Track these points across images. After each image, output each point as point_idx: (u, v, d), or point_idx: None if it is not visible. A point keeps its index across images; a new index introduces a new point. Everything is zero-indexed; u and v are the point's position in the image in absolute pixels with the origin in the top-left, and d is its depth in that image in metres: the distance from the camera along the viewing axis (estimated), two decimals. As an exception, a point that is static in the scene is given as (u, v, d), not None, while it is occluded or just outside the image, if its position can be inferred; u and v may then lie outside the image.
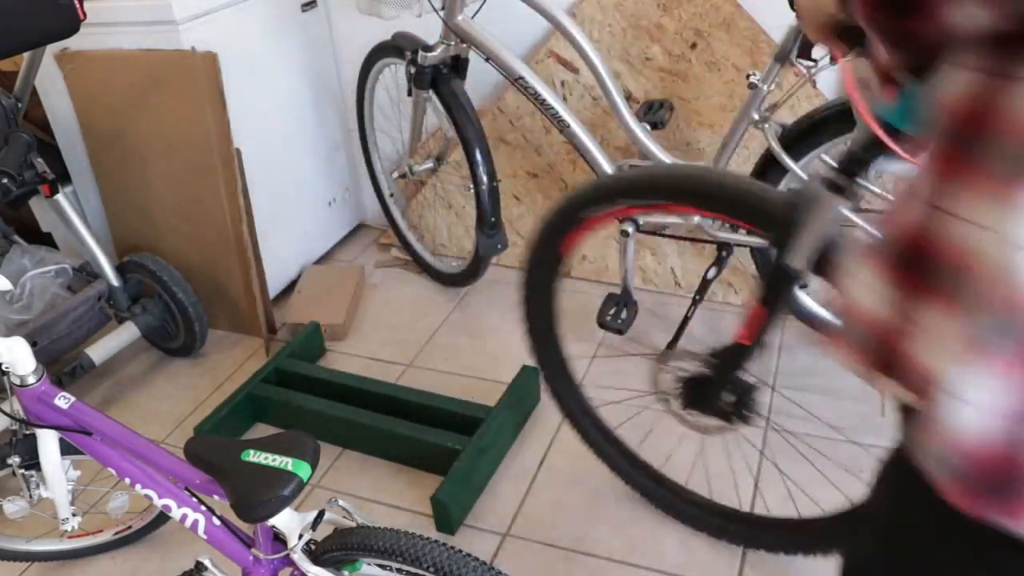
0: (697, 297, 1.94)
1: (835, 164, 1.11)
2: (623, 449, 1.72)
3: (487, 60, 2.01)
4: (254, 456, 1.08)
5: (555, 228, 1.50)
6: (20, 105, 1.95)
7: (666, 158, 1.93)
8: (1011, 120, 0.41)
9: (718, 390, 1.44)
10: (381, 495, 1.81)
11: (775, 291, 1.27)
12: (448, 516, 1.68)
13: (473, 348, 2.23)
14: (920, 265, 0.46)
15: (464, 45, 2.08)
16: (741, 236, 1.87)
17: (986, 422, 0.43)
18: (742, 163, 2.15)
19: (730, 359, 1.39)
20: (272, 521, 1.11)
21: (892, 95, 0.75)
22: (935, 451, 0.46)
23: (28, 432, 1.33)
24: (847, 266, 0.53)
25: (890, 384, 0.49)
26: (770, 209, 1.21)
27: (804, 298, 2.05)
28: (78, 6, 1.67)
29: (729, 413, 1.45)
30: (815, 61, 1.66)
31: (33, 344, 1.56)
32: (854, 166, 1.09)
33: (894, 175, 1.32)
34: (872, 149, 1.06)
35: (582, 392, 1.72)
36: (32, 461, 1.35)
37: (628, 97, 2.27)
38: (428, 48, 2.09)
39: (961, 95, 0.44)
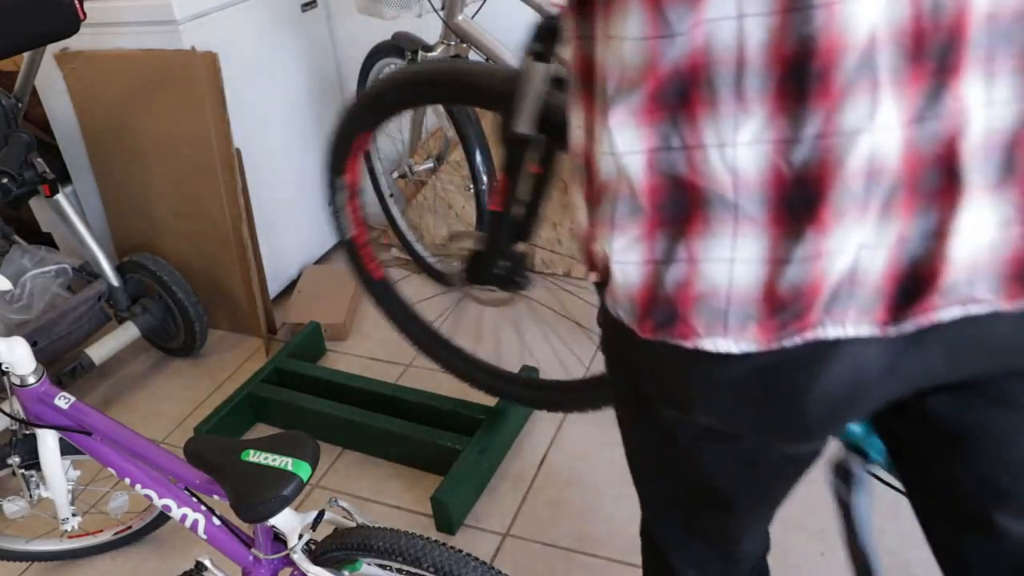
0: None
1: (539, 36, 1.30)
2: (425, 329, 1.88)
3: (487, 60, 2.01)
4: (254, 456, 1.08)
5: (339, 151, 1.65)
6: (20, 105, 1.95)
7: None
8: (598, 67, 0.59)
9: (491, 260, 1.56)
10: (381, 495, 1.81)
11: (513, 158, 1.43)
12: (448, 516, 1.68)
13: (473, 348, 2.22)
14: (590, 178, 0.64)
15: (464, 45, 2.08)
16: None
17: (639, 272, 0.60)
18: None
19: (492, 228, 1.53)
20: (272, 521, 1.11)
21: None
22: (621, 304, 0.63)
23: (28, 432, 1.33)
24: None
25: (592, 274, 0.68)
26: (492, 87, 1.41)
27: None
28: (78, 6, 1.67)
29: (506, 281, 1.58)
30: None
31: (33, 344, 1.55)
32: (547, 35, 1.28)
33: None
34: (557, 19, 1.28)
35: (395, 289, 1.85)
36: (32, 461, 1.35)
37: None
38: (428, 48, 2.09)
39: (573, 56, 0.63)
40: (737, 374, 0.62)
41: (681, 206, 0.57)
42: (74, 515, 1.42)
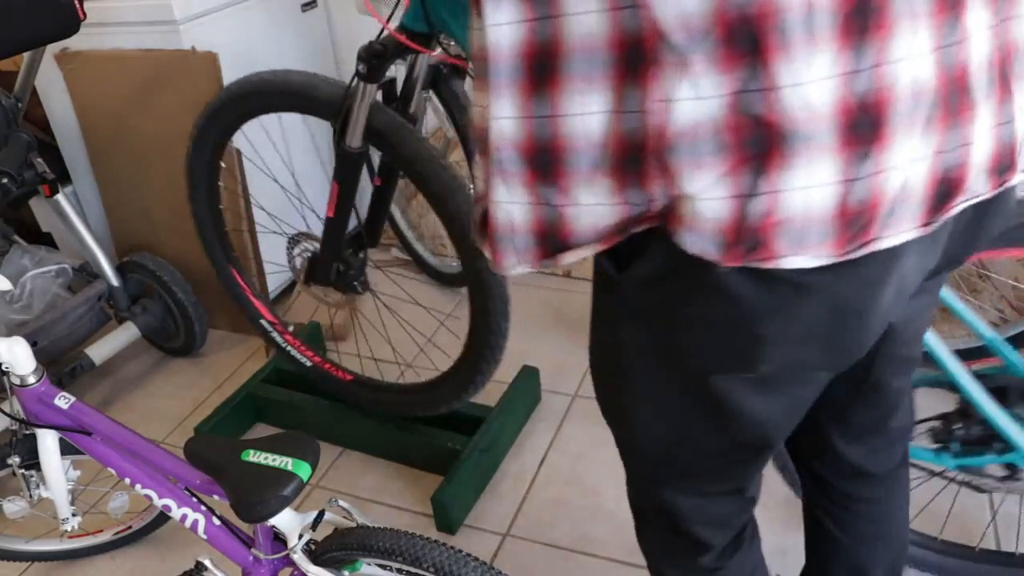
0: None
1: (365, 58, 1.39)
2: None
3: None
4: (254, 456, 1.08)
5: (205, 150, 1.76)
6: (20, 105, 1.95)
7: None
8: (487, 47, 0.65)
9: (328, 263, 1.66)
10: (381, 495, 1.81)
11: (343, 168, 1.52)
12: (448, 516, 1.68)
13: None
14: (482, 145, 0.71)
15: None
16: None
17: (727, 206, 0.64)
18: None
19: (326, 234, 1.62)
20: (272, 521, 1.11)
21: (407, 4, 1.27)
22: (706, 238, 0.65)
23: (28, 432, 1.33)
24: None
25: (484, 247, 0.75)
26: (326, 101, 1.49)
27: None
28: (78, 6, 1.67)
29: (343, 283, 1.68)
30: None
31: (33, 344, 1.55)
32: (374, 57, 1.39)
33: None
34: (390, 44, 1.38)
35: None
36: (32, 461, 1.35)
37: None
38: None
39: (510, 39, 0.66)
40: (811, 302, 0.69)
41: (761, 143, 0.62)
42: (74, 515, 1.42)
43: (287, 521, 1.13)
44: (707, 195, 0.63)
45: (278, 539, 1.19)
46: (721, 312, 0.70)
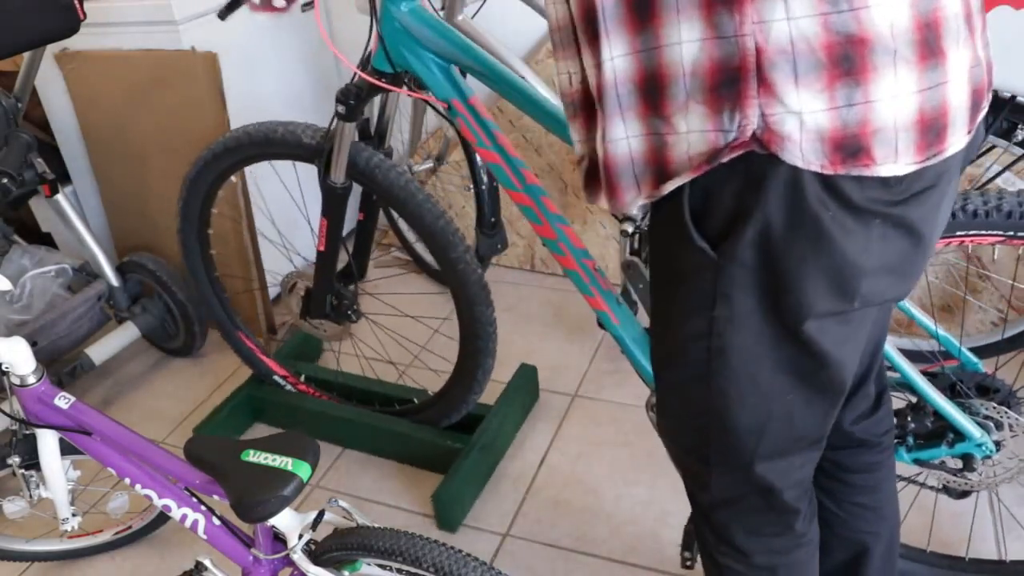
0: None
1: (343, 100, 1.49)
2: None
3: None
4: (254, 456, 1.08)
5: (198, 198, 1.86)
6: (20, 105, 1.95)
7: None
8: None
9: (321, 296, 1.75)
10: (381, 495, 1.81)
11: (330, 204, 1.62)
12: (449, 514, 1.68)
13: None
14: (573, 108, 0.83)
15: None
16: None
17: (827, 117, 0.71)
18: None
19: (320, 266, 1.71)
20: (272, 521, 1.11)
21: (375, 47, 1.41)
22: (810, 148, 0.71)
23: (28, 432, 1.33)
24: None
25: (598, 195, 0.84)
26: (311, 145, 1.59)
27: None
28: (78, 6, 1.67)
29: (337, 315, 1.77)
30: None
31: (33, 344, 1.55)
32: (352, 97, 1.49)
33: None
34: (364, 85, 1.48)
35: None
36: (32, 461, 1.35)
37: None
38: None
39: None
40: (894, 229, 0.77)
41: (854, 58, 0.69)
42: (74, 515, 1.42)
43: (287, 521, 1.13)
44: (808, 108, 0.69)
45: (278, 539, 1.19)
46: (824, 247, 0.75)
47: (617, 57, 0.74)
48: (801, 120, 0.70)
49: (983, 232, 1.23)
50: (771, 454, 0.93)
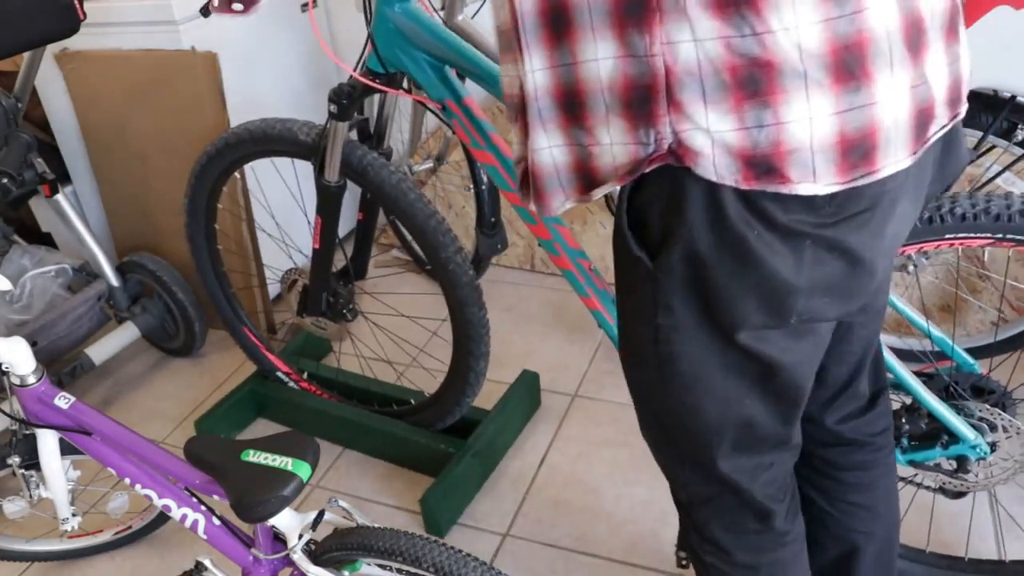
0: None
1: (335, 100, 1.50)
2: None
3: (487, 59, 2.00)
4: (254, 456, 1.08)
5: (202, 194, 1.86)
6: (20, 105, 1.95)
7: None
8: (514, 11, 0.75)
9: (317, 293, 1.76)
10: (381, 495, 1.81)
11: (325, 202, 1.63)
12: (436, 518, 1.68)
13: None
14: (513, 110, 0.81)
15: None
16: None
17: (736, 136, 0.70)
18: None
19: (316, 264, 1.71)
20: (272, 521, 1.12)
21: (370, 49, 1.42)
22: (721, 164, 0.71)
23: (28, 432, 1.33)
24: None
25: (530, 199, 0.83)
26: (307, 142, 1.59)
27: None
28: (78, 6, 1.67)
29: (333, 313, 1.78)
30: None
31: (33, 344, 1.55)
32: (345, 97, 1.49)
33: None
34: (357, 85, 1.49)
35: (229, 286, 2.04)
36: (32, 461, 1.35)
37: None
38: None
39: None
40: (828, 251, 0.76)
41: (760, 80, 0.69)
42: (74, 515, 1.42)
43: (287, 521, 1.13)
44: (716, 128, 0.70)
45: (278, 539, 1.19)
46: (751, 266, 0.76)
47: (537, 71, 0.76)
48: (711, 137, 0.71)
49: (972, 235, 1.24)
50: (733, 455, 0.94)
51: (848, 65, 0.69)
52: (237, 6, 1.38)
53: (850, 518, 1.17)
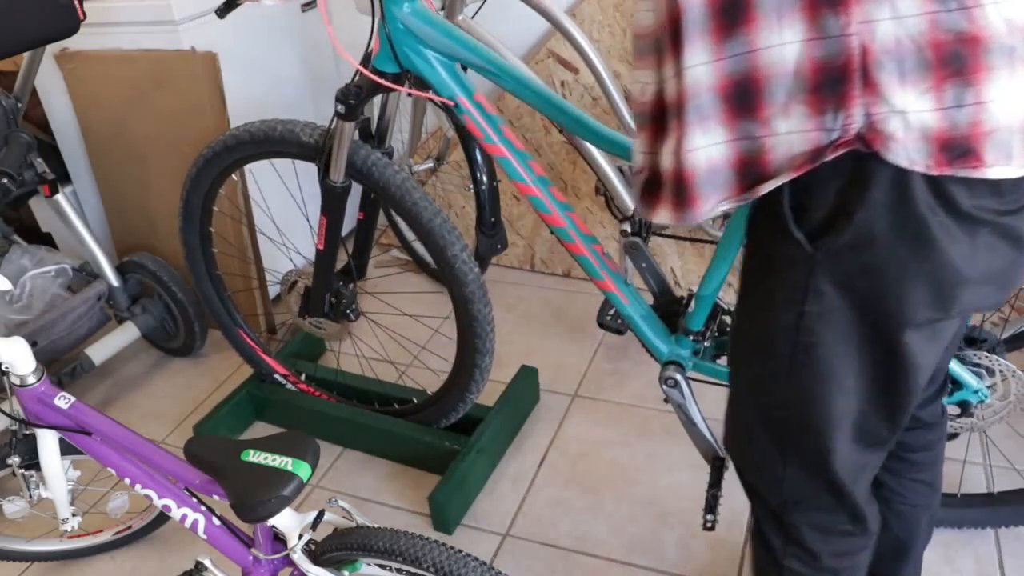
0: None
1: (343, 100, 1.48)
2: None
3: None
4: (254, 456, 1.08)
5: (200, 192, 1.83)
6: (20, 105, 1.95)
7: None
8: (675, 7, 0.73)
9: (320, 294, 1.76)
10: (381, 495, 1.81)
11: (329, 203, 1.63)
12: (445, 516, 1.68)
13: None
14: (642, 119, 0.82)
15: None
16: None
17: (933, 118, 0.69)
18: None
19: (319, 265, 1.71)
20: (272, 521, 1.11)
21: (377, 47, 1.43)
22: (912, 148, 0.69)
23: (28, 432, 1.33)
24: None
25: (660, 208, 0.82)
26: (310, 143, 1.59)
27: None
28: (78, 6, 1.67)
29: (336, 314, 1.78)
30: None
31: (33, 344, 1.55)
32: (351, 98, 1.48)
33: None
34: (365, 85, 1.48)
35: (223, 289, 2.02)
36: (32, 461, 1.35)
37: (628, 97, 2.26)
38: (428, 48, 2.09)
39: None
40: (1003, 239, 0.75)
41: (964, 57, 0.67)
42: (74, 515, 1.42)
43: (287, 521, 1.13)
44: (914, 108, 0.68)
45: (278, 539, 1.19)
46: (928, 252, 0.73)
47: (698, 66, 0.73)
48: (906, 120, 0.68)
49: None
50: (846, 453, 0.92)
51: None
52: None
53: (915, 495, 1.19)
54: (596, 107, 2.31)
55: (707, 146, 0.75)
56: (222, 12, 1.62)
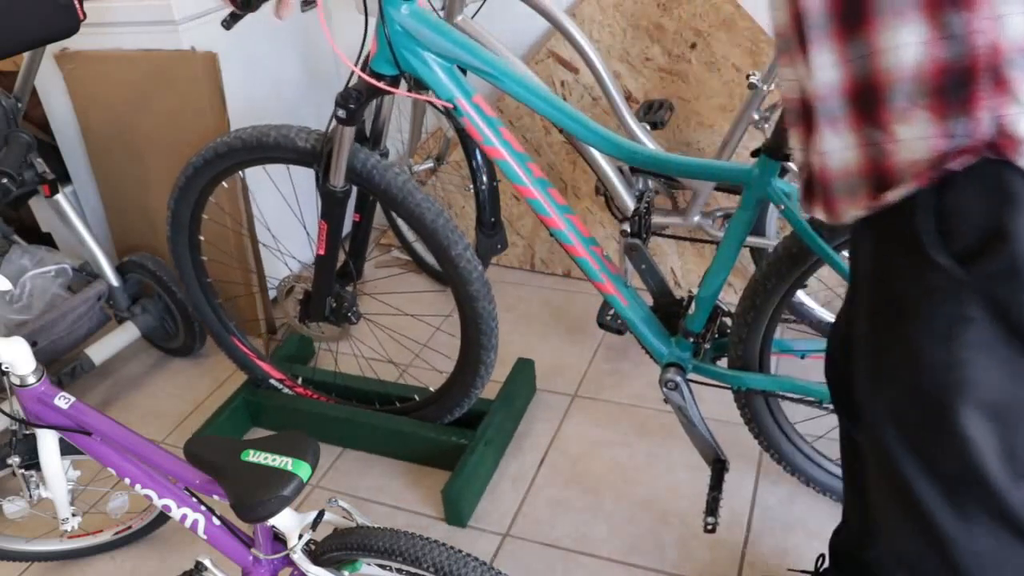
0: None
1: (343, 104, 1.47)
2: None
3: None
4: (254, 456, 1.08)
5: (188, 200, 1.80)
6: (20, 105, 1.95)
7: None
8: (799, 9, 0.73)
9: (321, 299, 1.75)
10: (381, 495, 1.81)
11: (330, 208, 1.62)
12: (459, 509, 1.69)
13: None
14: (793, 115, 0.80)
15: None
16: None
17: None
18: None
19: (320, 269, 1.70)
20: (272, 521, 1.12)
21: (375, 49, 1.42)
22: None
23: (28, 432, 1.33)
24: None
25: (816, 206, 0.81)
26: (307, 149, 1.58)
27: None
28: (78, 6, 1.67)
29: (337, 317, 1.78)
30: None
31: (33, 344, 1.55)
32: (351, 102, 1.46)
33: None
34: (364, 88, 1.46)
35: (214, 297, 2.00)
36: (32, 461, 1.35)
37: (628, 97, 2.27)
38: (428, 48, 2.09)
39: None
40: None
41: None
42: (74, 515, 1.42)
43: (287, 521, 1.13)
44: None
45: (278, 539, 1.19)
46: None
47: (826, 67, 0.72)
48: None
49: None
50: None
51: None
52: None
53: None
54: (596, 107, 2.31)
55: (841, 149, 0.74)
56: (228, 24, 1.61)
